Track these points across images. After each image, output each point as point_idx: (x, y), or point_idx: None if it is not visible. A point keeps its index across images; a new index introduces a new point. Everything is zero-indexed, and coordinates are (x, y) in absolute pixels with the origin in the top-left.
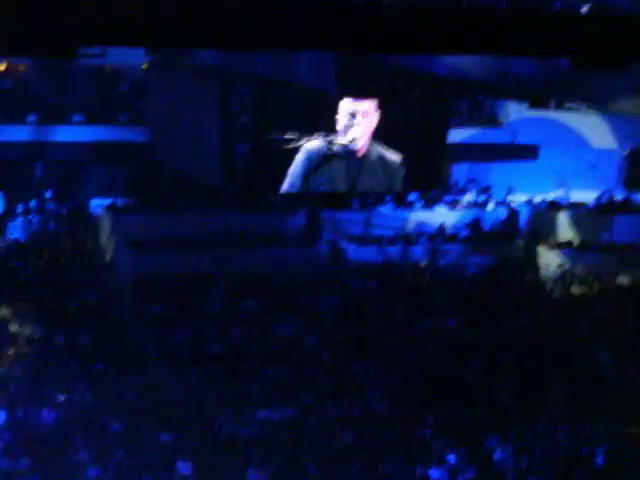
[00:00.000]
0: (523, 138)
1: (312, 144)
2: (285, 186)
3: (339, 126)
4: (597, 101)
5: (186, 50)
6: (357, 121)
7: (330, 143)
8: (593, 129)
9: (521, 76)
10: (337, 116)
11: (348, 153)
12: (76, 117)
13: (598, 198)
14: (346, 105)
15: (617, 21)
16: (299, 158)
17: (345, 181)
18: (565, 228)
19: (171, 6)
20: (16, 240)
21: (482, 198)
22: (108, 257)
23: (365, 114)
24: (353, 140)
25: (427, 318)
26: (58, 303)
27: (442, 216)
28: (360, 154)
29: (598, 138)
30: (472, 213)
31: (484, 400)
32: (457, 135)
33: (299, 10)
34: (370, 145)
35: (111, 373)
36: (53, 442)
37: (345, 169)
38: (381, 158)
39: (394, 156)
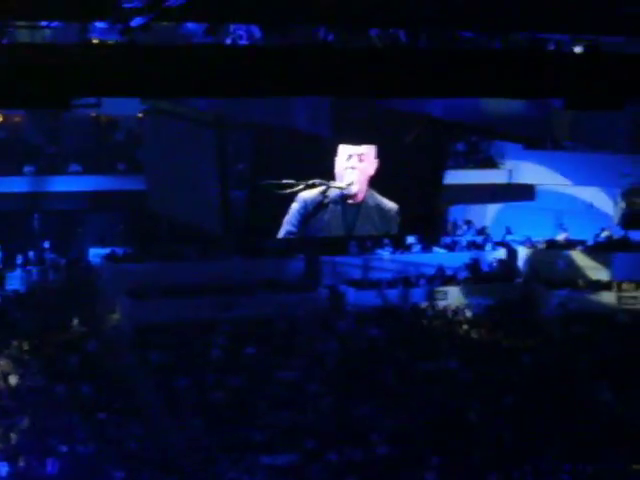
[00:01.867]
0: (520, 178)
1: (307, 193)
2: (281, 233)
3: (336, 169)
4: (593, 140)
5: (181, 98)
6: (353, 164)
7: (326, 191)
8: (589, 168)
9: (516, 117)
10: (335, 159)
11: (344, 198)
12: (73, 167)
13: (596, 237)
14: (344, 149)
15: (611, 60)
16: (294, 207)
17: (342, 226)
18: (564, 267)
19: (165, 56)
20: (15, 291)
21: (480, 239)
22: (108, 306)
23: (362, 157)
24: (350, 184)
25: (428, 360)
26: (58, 353)
27: (440, 258)
28: (357, 200)
29: (594, 177)
30: (470, 254)
31: (487, 441)
32: (454, 177)
33: (293, 56)
34: (367, 192)
35: (113, 422)
36: None
37: (342, 214)
38: (378, 205)
39: (390, 204)
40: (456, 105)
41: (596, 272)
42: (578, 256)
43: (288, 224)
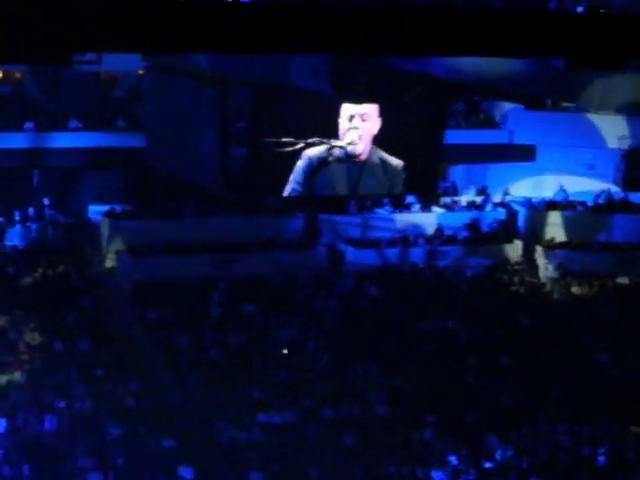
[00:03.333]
0: (520, 139)
1: (312, 151)
2: (287, 191)
3: (340, 129)
4: (593, 101)
5: (182, 55)
6: (356, 124)
7: (330, 149)
8: (590, 129)
9: (517, 77)
10: (337, 119)
11: (348, 157)
12: (73, 123)
13: (596, 198)
14: (346, 108)
15: (613, 21)
16: (299, 165)
17: (346, 185)
18: (563, 228)
19: (166, 12)
20: (14, 247)
21: (480, 199)
22: (106, 263)
23: (364, 117)
24: (352, 142)
25: (426, 320)
26: (56, 310)
27: (440, 218)
28: (361, 158)
29: (595, 138)
30: (470, 214)
31: (485, 401)
32: (454, 137)
33: (294, 13)
34: (371, 150)
35: (111, 379)
36: (54, 449)
37: (346, 173)
38: (382, 163)
39: (395, 161)
40: (457, 65)
41: (596, 233)
42: (578, 217)
43: (293, 182)
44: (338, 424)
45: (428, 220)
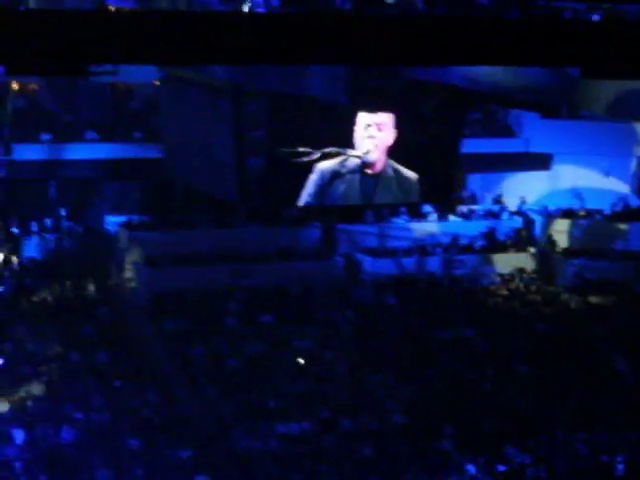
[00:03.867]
0: (536, 147)
1: (325, 164)
2: (301, 204)
3: (355, 138)
4: (609, 109)
5: (198, 66)
6: (372, 133)
7: (344, 161)
8: (606, 137)
9: (534, 86)
10: (353, 128)
11: (362, 168)
12: (89, 135)
13: (612, 206)
14: (362, 117)
15: (629, 29)
16: (312, 178)
17: (360, 196)
18: (580, 236)
19: (182, 23)
20: (32, 259)
21: (496, 208)
22: (124, 274)
23: (380, 126)
24: (367, 152)
25: (444, 329)
26: (74, 321)
27: (457, 226)
28: (375, 169)
29: (611, 146)
30: (487, 223)
31: (503, 410)
32: (471, 145)
33: (310, 24)
34: (386, 162)
35: (128, 390)
36: (72, 460)
37: (359, 184)
38: (397, 175)
39: (410, 173)
40: (474, 74)
41: (612, 241)
42: (594, 225)
43: (306, 195)
44: (355, 434)
45: (445, 229)
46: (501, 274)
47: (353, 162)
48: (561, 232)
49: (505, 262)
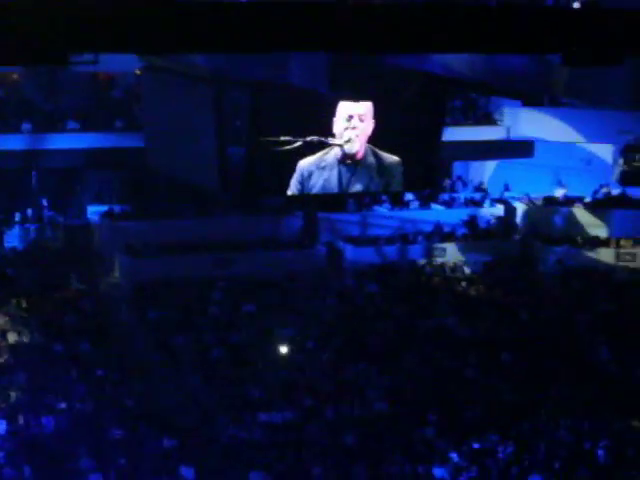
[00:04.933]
0: (518, 135)
1: (305, 162)
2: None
3: (335, 128)
4: (590, 96)
5: (179, 55)
6: (354, 123)
7: (325, 154)
8: (587, 124)
9: (515, 73)
10: (334, 119)
11: (344, 159)
12: (71, 124)
13: (594, 193)
14: (343, 108)
15: (609, 15)
16: (294, 177)
17: (336, 185)
18: (561, 224)
19: (162, 11)
20: (13, 249)
21: (478, 196)
22: (105, 264)
23: (362, 117)
24: (348, 141)
25: (426, 317)
26: (56, 311)
27: (438, 214)
28: (356, 157)
29: (592, 133)
30: (468, 211)
31: (485, 397)
32: (452, 133)
33: (292, 11)
34: (365, 149)
35: (111, 380)
36: (54, 450)
37: (337, 174)
38: (377, 161)
39: (392, 157)
40: (454, 61)
41: (594, 229)
42: (576, 213)
43: (290, 189)
44: (338, 423)
45: (426, 217)
46: (483, 262)
47: (332, 156)
48: (542, 219)
49: (487, 250)
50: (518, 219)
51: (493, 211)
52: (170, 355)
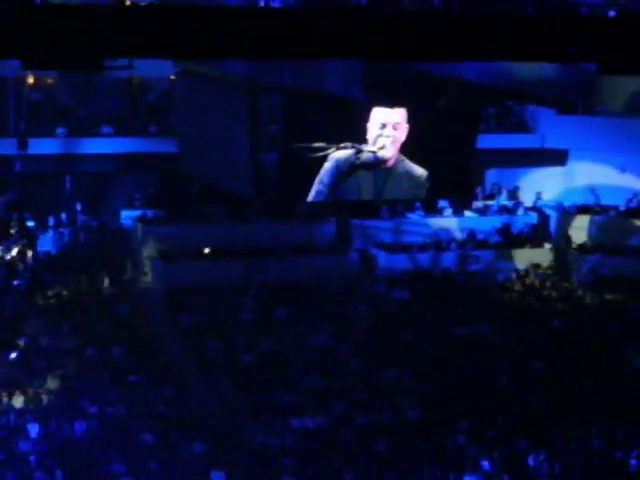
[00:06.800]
0: (552, 143)
1: (340, 153)
2: (312, 194)
3: (369, 135)
4: (625, 105)
5: (214, 61)
6: (387, 132)
7: (359, 152)
8: (622, 133)
9: (549, 81)
10: (368, 125)
11: (376, 162)
12: (105, 129)
13: (627, 202)
14: (377, 115)
15: None
16: (327, 167)
17: (372, 190)
18: (595, 232)
19: (197, 18)
20: (47, 253)
21: (512, 203)
22: (139, 268)
23: (396, 125)
24: (382, 147)
25: (459, 324)
26: (89, 315)
27: (472, 222)
28: (388, 164)
29: (627, 142)
30: (502, 219)
31: (517, 405)
32: (486, 141)
33: (325, 19)
34: (397, 158)
35: (143, 384)
36: (86, 454)
37: (373, 178)
38: (407, 172)
39: (420, 170)
40: (489, 69)
41: (628, 238)
42: (610, 221)
43: (318, 183)
44: (370, 429)
45: (460, 224)
46: (516, 270)
47: (367, 155)
48: (576, 228)
49: (520, 258)
50: (552, 227)
51: (527, 219)
52: (202, 360)
